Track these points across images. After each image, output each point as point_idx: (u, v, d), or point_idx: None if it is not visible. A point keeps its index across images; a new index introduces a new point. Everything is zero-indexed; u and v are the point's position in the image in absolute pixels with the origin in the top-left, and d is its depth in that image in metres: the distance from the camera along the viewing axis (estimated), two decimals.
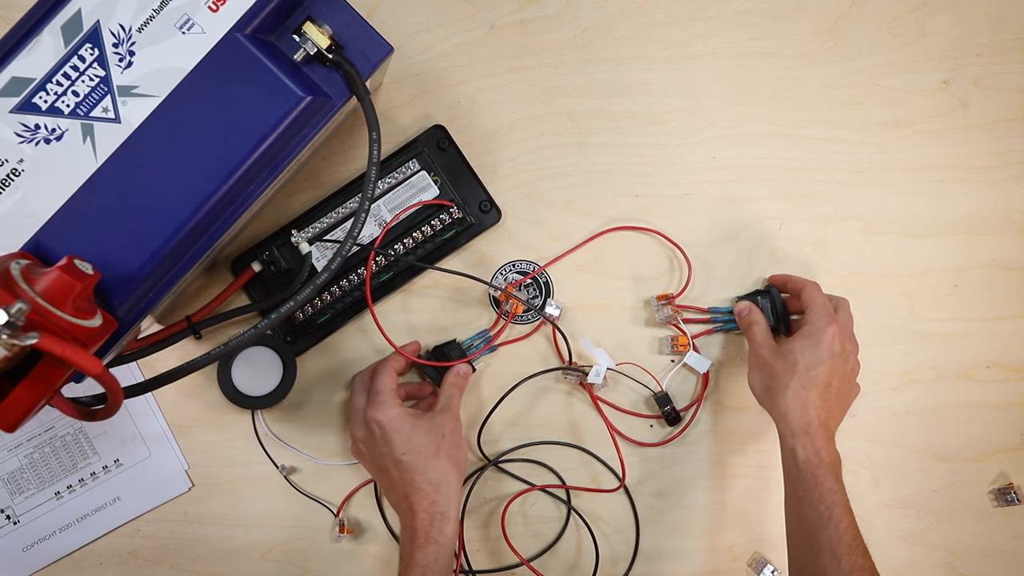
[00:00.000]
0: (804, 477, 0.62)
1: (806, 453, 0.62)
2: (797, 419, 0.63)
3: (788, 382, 0.64)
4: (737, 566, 0.74)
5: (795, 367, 0.65)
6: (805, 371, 0.64)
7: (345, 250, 0.55)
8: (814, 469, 0.62)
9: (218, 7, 0.53)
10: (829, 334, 0.65)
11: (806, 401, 0.64)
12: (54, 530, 0.70)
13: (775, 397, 0.65)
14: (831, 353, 0.65)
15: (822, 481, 0.61)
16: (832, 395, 0.65)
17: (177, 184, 0.53)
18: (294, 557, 0.72)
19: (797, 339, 0.66)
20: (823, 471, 0.62)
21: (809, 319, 0.67)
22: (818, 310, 0.67)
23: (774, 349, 0.67)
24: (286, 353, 0.69)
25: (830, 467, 0.62)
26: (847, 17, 0.76)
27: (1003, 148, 0.76)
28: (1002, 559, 0.76)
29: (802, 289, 0.69)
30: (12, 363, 0.43)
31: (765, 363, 0.67)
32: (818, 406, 0.64)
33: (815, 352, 0.65)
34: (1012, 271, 0.76)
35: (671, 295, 0.73)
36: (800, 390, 0.64)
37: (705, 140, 0.75)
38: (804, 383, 0.64)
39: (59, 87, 0.52)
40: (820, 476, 0.61)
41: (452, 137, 0.72)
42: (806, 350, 0.65)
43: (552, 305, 0.72)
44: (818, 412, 0.64)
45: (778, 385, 0.65)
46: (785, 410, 0.64)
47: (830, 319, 0.66)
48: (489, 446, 0.73)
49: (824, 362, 0.65)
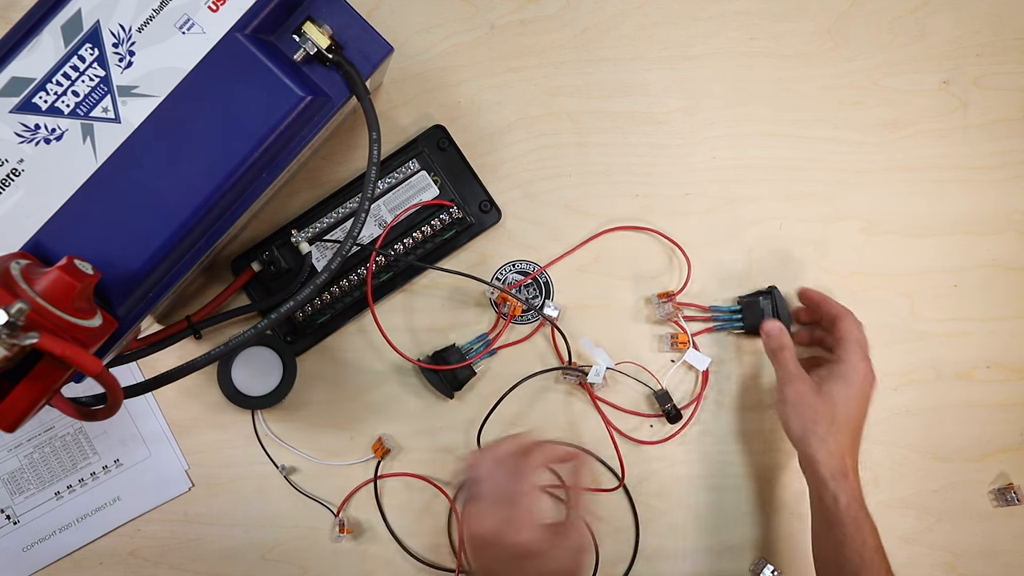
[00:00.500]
0: (845, 522, 0.62)
1: (847, 498, 0.62)
2: (836, 464, 0.63)
3: (828, 428, 0.64)
4: (737, 566, 0.74)
5: (834, 411, 0.64)
6: (844, 416, 0.64)
7: (345, 250, 0.55)
8: (856, 513, 0.62)
9: (218, 7, 0.53)
10: (863, 376, 0.65)
11: (843, 447, 0.64)
12: (54, 530, 0.70)
13: (812, 441, 0.64)
14: (864, 396, 0.65)
15: (862, 525, 0.62)
16: (859, 435, 0.66)
17: (177, 184, 0.53)
18: (294, 557, 0.72)
19: (835, 380, 0.65)
20: (863, 515, 0.62)
21: (846, 357, 0.66)
22: (855, 348, 0.66)
23: (814, 388, 0.66)
24: (286, 353, 0.69)
25: (865, 508, 0.63)
26: (847, 17, 0.76)
27: (1003, 148, 0.76)
28: (1002, 559, 0.76)
29: (838, 319, 0.68)
30: (12, 363, 0.43)
31: (806, 404, 0.65)
32: (851, 449, 0.65)
33: (851, 394, 0.65)
34: (1012, 271, 0.76)
35: (672, 292, 0.73)
36: (839, 435, 0.64)
37: (705, 140, 0.75)
38: (842, 427, 0.64)
39: (59, 87, 0.52)
40: (861, 520, 0.62)
41: (452, 137, 0.72)
42: (842, 393, 0.65)
43: (550, 307, 0.72)
44: (852, 456, 0.64)
45: (817, 430, 0.64)
46: (824, 456, 0.64)
47: (865, 359, 0.66)
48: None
49: (858, 405, 0.65)
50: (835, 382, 0.65)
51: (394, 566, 0.72)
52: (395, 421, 0.73)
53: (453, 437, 0.73)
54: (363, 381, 0.73)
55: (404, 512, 0.72)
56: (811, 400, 0.65)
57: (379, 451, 0.71)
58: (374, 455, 0.71)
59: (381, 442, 0.71)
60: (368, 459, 0.72)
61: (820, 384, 0.66)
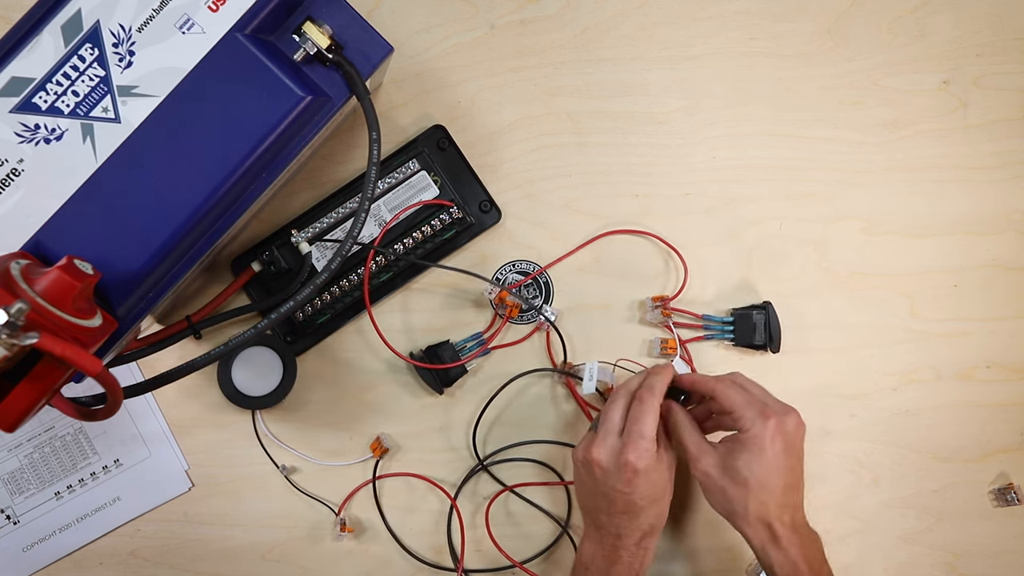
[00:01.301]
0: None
1: (784, 570, 0.60)
2: (766, 535, 0.60)
3: (746, 504, 0.60)
4: (737, 566, 0.74)
5: (747, 486, 0.60)
6: (760, 489, 0.60)
7: (345, 250, 0.55)
8: None
9: (218, 7, 0.53)
10: (769, 436, 0.60)
11: (770, 518, 0.60)
12: (54, 530, 0.70)
13: (737, 521, 0.61)
14: (776, 455, 0.60)
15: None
16: (790, 487, 0.61)
17: (177, 184, 0.53)
18: (294, 557, 0.72)
19: (739, 452, 0.60)
20: None
21: (741, 425, 0.61)
22: (744, 411, 0.61)
23: (718, 465, 0.61)
24: (286, 353, 0.69)
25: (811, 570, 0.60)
26: (847, 17, 0.76)
27: (1003, 148, 0.76)
28: (1002, 559, 0.76)
29: (713, 391, 0.63)
30: (12, 363, 0.43)
31: (715, 486, 0.61)
32: (781, 513, 0.60)
33: (762, 463, 0.60)
34: (1012, 271, 0.76)
35: (666, 297, 0.73)
36: (761, 509, 0.60)
37: (705, 140, 0.75)
38: (763, 500, 0.60)
39: (59, 87, 0.52)
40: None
41: (452, 137, 0.72)
42: (752, 465, 0.60)
43: (548, 311, 0.72)
44: (782, 518, 0.60)
45: (736, 509, 0.61)
46: (751, 532, 0.61)
47: (761, 415, 0.60)
48: (486, 444, 0.73)
49: (775, 469, 0.60)
50: (741, 455, 0.60)
51: (394, 566, 0.72)
52: (394, 421, 0.73)
53: (451, 436, 0.73)
54: (362, 381, 0.73)
55: (404, 512, 0.72)
56: (718, 481, 0.61)
57: (377, 450, 0.71)
58: (373, 455, 0.71)
59: (379, 441, 0.71)
60: (367, 459, 0.72)
61: (724, 458, 0.61)
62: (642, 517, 0.62)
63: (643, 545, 0.62)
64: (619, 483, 0.61)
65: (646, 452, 0.60)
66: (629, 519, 0.62)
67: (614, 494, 0.61)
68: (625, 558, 0.62)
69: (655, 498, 0.62)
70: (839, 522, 0.74)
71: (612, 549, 0.62)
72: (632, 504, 0.61)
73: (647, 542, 0.63)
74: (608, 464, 0.61)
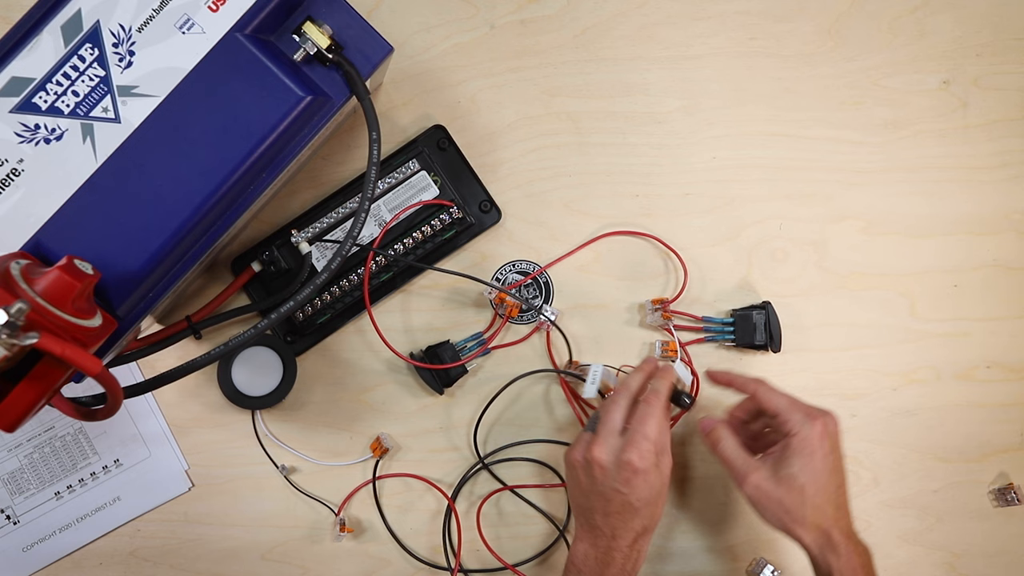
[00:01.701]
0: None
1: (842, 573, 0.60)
2: (822, 542, 0.60)
3: (804, 512, 0.60)
4: (737, 566, 0.74)
5: (804, 492, 0.60)
6: (816, 493, 0.60)
7: (345, 250, 0.55)
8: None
9: (218, 7, 0.53)
10: (817, 437, 0.60)
11: (828, 523, 0.60)
12: (54, 530, 0.70)
13: (795, 529, 0.61)
14: (826, 455, 0.60)
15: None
16: (841, 489, 0.62)
17: (177, 184, 0.53)
18: (294, 557, 0.72)
19: (791, 459, 0.60)
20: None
21: (789, 428, 0.61)
22: (793, 414, 0.61)
23: (771, 476, 0.61)
24: (286, 353, 0.69)
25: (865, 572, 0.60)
26: (847, 17, 0.76)
27: (1003, 148, 0.76)
28: (1002, 559, 0.75)
29: (756, 392, 0.64)
30: (12, 363, 0.43)
31: (770, 499, 0.61)
32: (837, 518, 0.61)
33: (815, 466, 0.60)
34: (1012, 271, 0.76)
35: (665, 300, 0.73)
36: (818, 514, 0.60)
37: (705, 140, 0.75)
38: (819, 504, 0.60)
39: (59, 87, 0.52)
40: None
41: (452, 137, 0.72)
42: (806, 469, 0.60)
43: (548, 310, 0.72)
44: (839, 524, 0.61)
45: (795, 518, 0.60)
46: (810, 539, 0.60)
47: (809, 417, 0.61)
48: (485, 444, 0.73)
49: (827, 471, 0.60)
50: (792, 461, 0.60)
51: (394, 566, 0.72)
52: (394, 421, 0.73)
53: (452, 436, 0.73)
54: (362, 381, 0.73)
55: (404, 512, 0.72)
56: (773, 492, 0.61)
57: (378, 450, 0.71)
58: (373, 454, 0.71)
59: (379, 441, 0.71)
60: (367, 459, 0.72)
61: (776, 468, 0.61)
62: (637, 519, 0.61)
63: (636, 547, 0.62)
64: (618, 483, 0.61)
65: (648, 453, 0.60)
66: (624, 520, 0.61)
67: (612, 494, 0.61)
68: (618, 559, 0.62)
69: (651, 500, 0.61)
70: None
71: (606, 551, 0.62)
72: (628, 505, 0.61)
73: (640, 543, 0.63)
74: (608, 463, 0.61)
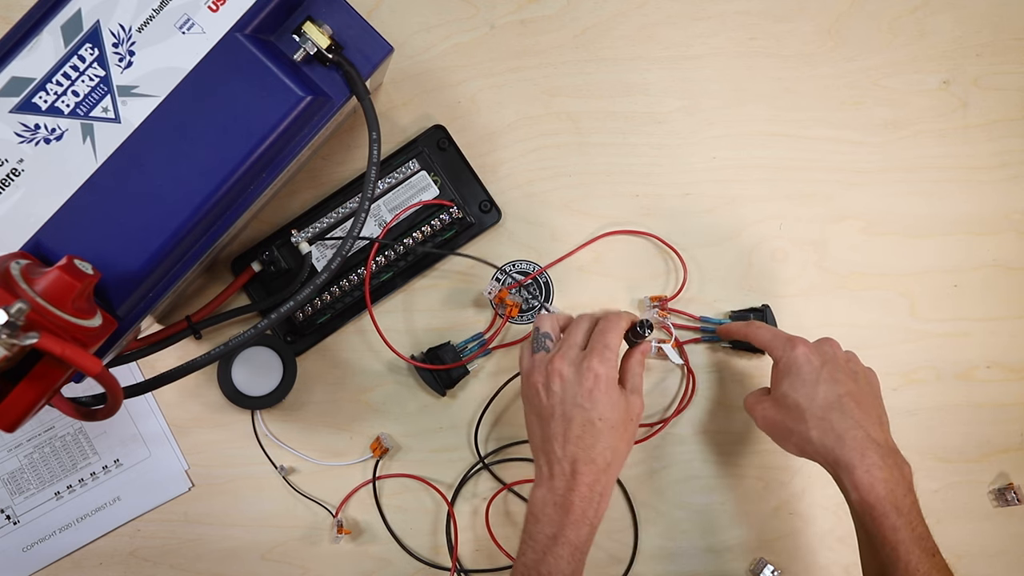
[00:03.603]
0: (864, 520, 0.59)
1: (859, 494, 0.58)
2: (838, 455, 0.59)
3: (808, 429, 0.60)
4: (737, 566, 0.74)
5: (800, 409, 0.61)
6: (811, 406, 0.61)
7: (345, 250, 0.55)
8: (870, 509, 0.58)
9: (218, 7, 0.53)
10: (800, 355, 0.62)
11: (834, 433, 0.60)
12: (54, 530, 0.70)
13: (808, 450, 0.61)
14: (816, 369, 0.62)
15: (880, 519, 0.58)
16: (852, 403, 0.60)
17: (177, 184, 0.53)
18: (294, 557, 0.72)
19: (781, 381, 0.63)
20: (879, 508, 0.57)
21: (775, 354, 0.64)
22: (775, 342, 0.64)
23: (773, 406, 0.63)
24: (286, 353, 0.69)
25: (887, 499, 0.57)
26: (847, 17, 0.76)
27: (1003, 148, 0.76)
28: (1002, 559, 0.76)
29: (746, 335, 0.67)
30: (12, 363, 0.43)
31: (776, 423, 0.63)
32: (847, 428, 0.59)
33: (803, 380, 0.61)
34: (1012, 271, 0.76)
35: (664, 298, 0.73)
36: (823, 426, 0.60)
37: (705, 140, 0.75)
38: (820, 416, 0.60)
39: (59, 87, 0.52)
40: (877, 515, 0.58)
41: (452, 137, 0.72)
42: (795, 386, 0.62)
43: (548, 308, 0.72)
44: (851, 434, 0.59)
45: (803, 438, 0.61)
46: (826, 455, 0.60)
47: (790, 342, 0.63)
48: (485, 444, 0.73)
49: (819, 382, 0.61)
50: (781, 383, 0.63)
51: (393, 566, 0.72)
52: (394, 421, 0.73)
53: (451, 437, 0.73)
54: (362, 381, 0.73)
55: (404, 512, 0.72)
56: (775, 417, 0.63)
57: (377, 450, 0.71)
58: (372, 455, 0.71)
59: (379, 441, 0.71)
60: (367, 459, 0.72)
61: (773, 394, 0.64)
62: (599, 445, 0.58)
63: (597, 488, 0.58)
64: (580, 396, 0.58)
65: (609, 362, 0.59)
66: (586, 447, 0.58)
67: (573, 411, 0.58)
68: (577, 504, 0.57)
69: (615, 424, 0.58)
70: (839, 522, 0.74)
71: (564, 493, 0.57)
72: (590, 424, 0.58)
73: (602, 484, 0.58)
74: (569, 374, 0.59)
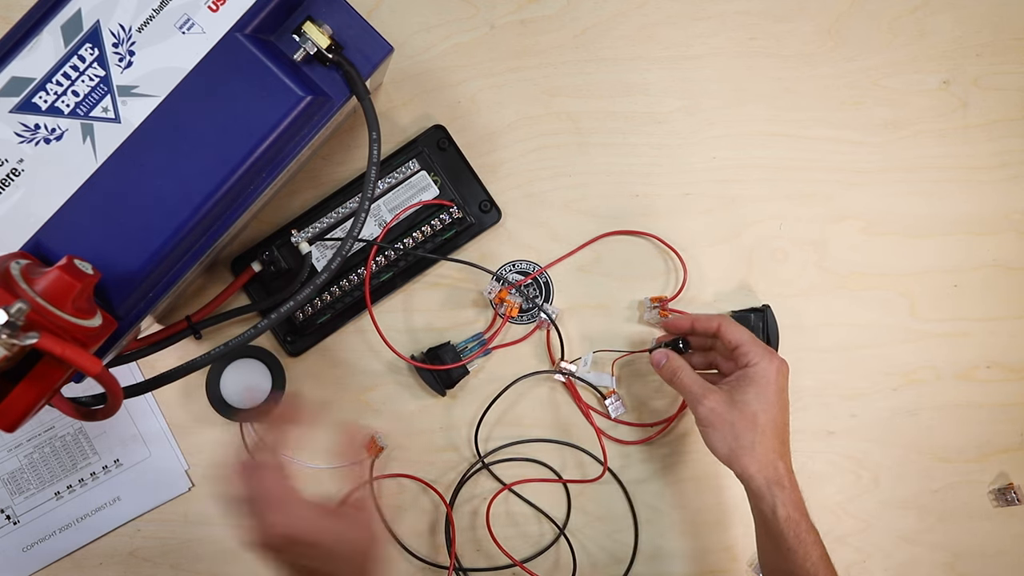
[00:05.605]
0: (787, 535, 0.60)
1: (786, 510, 0.60)
2: (770, 474, 0.61)
3: (753, 439, 0.61)
4: (737, 566, 0.74)
5: (755, 420, 0.61)
6: (765, 421, 0.61)
7: (345, 250, 0.55)
8: (795, 526, 0.60)
9: (218, 7, 0.53)
10: (775, 372, 0.62)
11: (774, 455, 0.61)
12: (54, 530, 0.70)
13: (742, 458, 0.62)
14: (779, 391, 0.62)
15: (804, 537, 0.60)
16: (787, 433, 0.63)
17: (177, 184, 0.53)
18: None
19: (746, 386, 0.62)
20: (805, 526, 0.61)
21: (750, 360, 0.63)
22: (751, 346, 0.63)
23: (726, 400, 0.63)
24: (275, 366, 0.69)
25: (806, 516, 0.61)
26: (847, 17, 0.76)
27: (1003, 148, 0.76)
28: (1002, 559, 0.76)
29: (718, 329, 0.65)
30: (12, 363, 0.43)
31: (723, 421, 0.62)
32: (783, 453, 0.62)
33: (767, 397, 0.62)
34: (1012, 271, 0.76)
35: (664, 298, 0.73)
36: (766, 443, 0.61)
37: (705, 140, 0.75)
38: (768, 434, 0.61)
39: (59, 87, 0.52)
40: (803, 532, 0.60)
41: (452, 137, 0.72)
42: (760, 398, 0.62)
43: (548, 308, 0.72)
44: (785, 459, 0.62)
45: (743, 444, 0.61)
46: (755, 469, 0.61)
47: (768, 354, 0.63)
48: (484, 444, 0.73)
49: (778, 406, 0.62)
50: (746, 388, 0.62)
51: (393, 565, 0.72)
52: (393, 421, 0.73)
53: (452, 436, 0.73)
54: (362, 381, 0.73)
55: (403, 511, 0.72)
56: (726, 415, 0.62)
57: (372, 450, 0.71)
58: (367, 454, 0.71)
59: (374, 440, 0.71)
60: (366, 458, 0.72)
61: (731, 394, 0.63)
62: None
63: None
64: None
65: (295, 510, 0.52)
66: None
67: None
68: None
69: None
70: (839, 522, 0.74)
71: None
72: None
73: None
74: None
